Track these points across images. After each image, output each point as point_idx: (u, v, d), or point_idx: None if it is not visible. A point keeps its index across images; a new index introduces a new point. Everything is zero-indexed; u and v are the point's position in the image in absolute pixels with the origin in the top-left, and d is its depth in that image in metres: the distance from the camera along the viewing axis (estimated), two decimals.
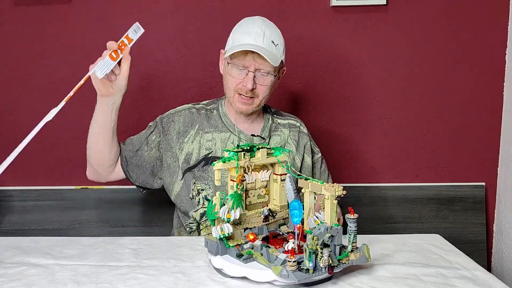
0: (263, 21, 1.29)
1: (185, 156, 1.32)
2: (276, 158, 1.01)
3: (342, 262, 0.87)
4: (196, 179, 1.30)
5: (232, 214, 0.93)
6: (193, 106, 1.40)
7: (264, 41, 1.24)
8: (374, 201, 1.81)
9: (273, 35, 1.27)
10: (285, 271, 0.81)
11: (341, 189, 0.88)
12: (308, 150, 1.42)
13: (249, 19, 1.31)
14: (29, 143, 1.84)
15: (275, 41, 1.27)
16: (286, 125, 1.42)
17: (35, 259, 1.01)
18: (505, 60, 1.78)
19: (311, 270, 0.82)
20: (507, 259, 1.77)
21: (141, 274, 0.93)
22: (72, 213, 1.74)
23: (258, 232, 0.99)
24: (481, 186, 1.83)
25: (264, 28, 1.26)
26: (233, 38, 1.29)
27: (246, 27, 1.28)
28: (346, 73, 1.77)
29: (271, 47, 1.25)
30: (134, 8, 1.71)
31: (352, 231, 0.90)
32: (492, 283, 0.90)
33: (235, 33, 1.30)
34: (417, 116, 1.80)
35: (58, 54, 1.73)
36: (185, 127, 1.34)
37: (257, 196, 1.03)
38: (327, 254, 0.82)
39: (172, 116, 1.37)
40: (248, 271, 0.88)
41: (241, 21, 1.33)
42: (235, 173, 0.97)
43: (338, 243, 0.87)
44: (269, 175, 1.04)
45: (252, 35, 1.24)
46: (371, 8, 1.72)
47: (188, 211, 1.32)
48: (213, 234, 0.92)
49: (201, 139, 1.33)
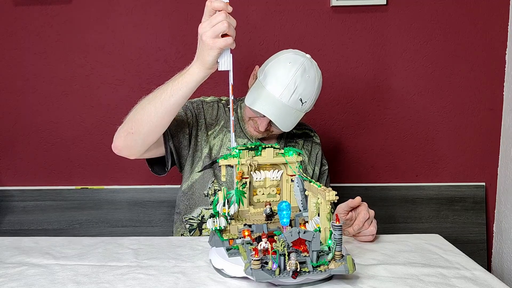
0: (304, 70, 1.16)
1: (209, 150, 1.29)
2: (285, 158, 1.02)
3: (317, 270, 0.84)
4: (216, 178, 1.27)
5: (228, 209, 0.96)
6: (220, 99, 1.35)
7: (292, 97, 1.15)
8: (374, 201, 1.81)
9: (306, 91, 1.17)
10: (249, 268, 0.82)
11: (333, 194, 0.86)
12: (319, 160, 1.41)
13: (288, 59, 1.17)
14: (28, 143, 1.85)
15: (303, 98, 1.17)
16: (301, 135, 1.41)
17: (35, 259, 1.01)
18: (505, 60, 1.78)
19: (277, 271, 0.81)
20: (507, 259, 1.77)
21: (141, 274, 0.93)
22: (72, 213, 1.74)
23: (256, 230, 0.99)
24: (481, 186, 1.83)
25: (299, 82, 1.15)
26: (265, 74, 1.18)
27: (282, 71, 1.16)
28: (346, 73, 1.77)
29: (296, 104, 1.16)
30: (134, 8, 1.71)
31: (336, 239, 0.85)
32: (492, 283, 0.90)
33: (271, 69, 1.18)
34: (417, 116, 1.80)
35: (58, 54, 1.73)
36: (212, 120, 1.31)
37: (266, 194, 1.03)
38: (294, 258, 0.81)
39: (202, 104, 1.32)
40: (226, 264, 0.90)
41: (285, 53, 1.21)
42: (242, 170, 0.98)
43: (315, 249, 0.84)
44: (280, 175, 1.04)
45: (281, 88, 1.14)
46: (371, 8, 1.72)
47: (196, 206, 1.28)
48: (208, 226, 0.96)
49: (224, 137, 1.30)
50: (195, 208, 1.29)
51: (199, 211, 1.29)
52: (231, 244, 0.96)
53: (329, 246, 0.88)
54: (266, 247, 0.85)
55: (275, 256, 0.82)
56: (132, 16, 1.72)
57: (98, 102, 1.76)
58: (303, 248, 0.85)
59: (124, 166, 1.78)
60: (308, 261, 0.84)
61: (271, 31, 1.73)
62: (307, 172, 1.37)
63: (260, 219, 1.01)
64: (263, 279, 0.81)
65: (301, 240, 0.84)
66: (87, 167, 1.78)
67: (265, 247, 0.85)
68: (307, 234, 0.83)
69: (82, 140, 1.78)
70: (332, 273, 0.85)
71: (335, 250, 0.85)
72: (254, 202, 1.03)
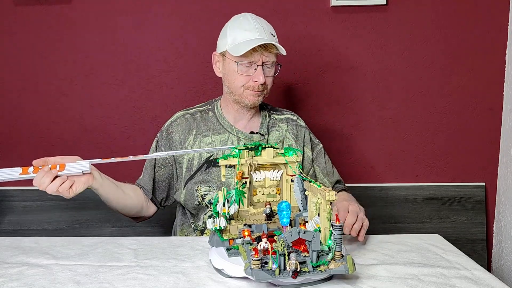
0: (256, 16, 1.31)
1: (187, 163, 1.33)
2: (285, 158, 1.02)
3: (317, 270, 0.84)
4: (198, 184, 1.31)
5: (228, 209, 0.96)
6: (186, 112, 1.39)
7: (266, 34, 1.27)
8: (374, 201, 1.81)
9: (269, 27, 1.31)
10: (249, 268, 0.82)
11: (333, 194, 0.86)
12: (308, 142, 1.42)
13: (241, 16, 1.31)
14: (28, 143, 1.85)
15: (272, 32, 1.30)
16: (283, 120, 1.42)
17: (35, 259, 1.01)
18: (505, 60, 1.78)
19: (277, 271, 0.81)
20: (507, 259, 1.77)
21: (141, 274, 0.93)
22: (72, 213, 1.74)
23: (256, 230, 0.99)
24: (481, 186, 1.83)
25: (260, 22, 1.29)
26: (233, 36, 1.27)
27: (243, 24, 1.28)
28: (346, 73, 1.77)
29: (272, 39, 1.28)
30: (134, 8, 1.71)
31: (336, 239, 0.85)
32: (492, 283, 0.90)
33: (234, 31, 1.28)
34: (417, 116, 1.80)
35: (58, 54, 1.73)
36: (184, 135, 1.35)
37: (266, 194, 1.03)
38: (294, 258, 0.81)
39: (170, 128, 1.37)
40: (226, 264, 0.90)
41: (231, 19, 1.33)
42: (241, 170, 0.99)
43: (315, 249, 0.84)
44: (280, 175, 1.04)
45: (254, 31, 1.26)
46: (371, 8, 1.72)
47: (198, 214, 1.34)
48: (208, 226, 0.97)
49: (200, 143, 1.34)
50: (199, 215, 1.34)
51: (204, 218, 1.33)
52: (231, 244, 0.96)
53: (329, 246, 0.88)
54: (266, 247, 0.85)
55: (275, 256, 0.82)
56: (132, 16, 1.72)
57: (98, 102, 1.76)
58: (303, 248, 0.85)
59: (124, 166, 1.77)
60: (308, 261, 0.84)
61: None
62: None
63: (260, 219, 1.01)
64: (263, 279, 0.81)
65: (301, 240, 0.84)
66: None
67: (265, 247, 0.85)
68: (307, 234, 0.83)
69: (82, 140, 1.78)
70: (332, 273, 0.85)
71: (335, 250, 0.85)
72: (254, 202, 1.03)
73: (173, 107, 1.74)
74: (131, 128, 1.78)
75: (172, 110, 1.72)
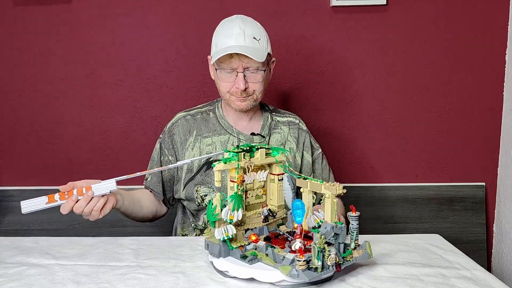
0: (242, 19, 1.29)
1: (188, 164, 1.33)
2: (274, 158, 1.01)
3: (346, 260, 0.88)
4: (198, 185, 1.31)
5: (234, 215, 0.91)
6: (187, 113, 1.40)
7: (246, 39, 1.24)
8: (374, 201, 1.81)
9: (254, 31, 1.27)
10: (294, 270, 0.81)
11: (341, 188, 0.88)
12: (308, 146, 1.42)
13: (227, 21, 1.31)
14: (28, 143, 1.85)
15: (256, 36, 1.26)
16: (285, 122, 1.42)
17: (35, 259, 1.01)
18: (505, 60, 1.78)
19: (320, 269, 0.82)
20: (507, 259, 1.77)
21: (141, 274, 0.93)
22: (72, 213, 1.73)
23: (258, 233, 0.99)
24: (481, 186, 1.83)
25: (243, 27, 1.26)
26: (215, 42, 1.29)
27: (225, 30, 1.27)
28: (346, 73, 1.77)
29: (254, 43, 1.25)
30: (134, 8, 1.71)
31: (354, 228, 0.90)
32: (492, 283, 0.90)
33: (216, 37, 1.29)
34: (417, 116, 1.80)
35: (58, 54, 1.73)
36: (184, 136, 1.35)
37: (255, 196, 1.03)
38: (334, 252, 0.83)
39: (172, 129, 1.37)
40: (255, 272, 0.87)
41: (220, 24, 1.32)
42: (235, 174, 0.96)
43: (342, 241, 0.88)
44: (266, 175, 1.03)
45: (233, 37, 1.24)
46: (371, 8, 1.72)
47: (199, 214, 1.35)
48: (216, 236, 0.90)
49: (200, 144, 1.34)
50: (199, 215, 1.35)
51: (204, 217, 1.34)
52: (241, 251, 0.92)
53: None
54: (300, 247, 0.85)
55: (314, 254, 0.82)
56: (132, 16, 1.72)
57: (98, 102, 1.76)
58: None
59: (124, 166, 1.78)
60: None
61: (271, 31, 1.72)
62: (295, 159, 1.38)
63: (257, 221, 1.00)
64: (314, 278, 0.82)
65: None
66: (87, 167, 1.78)
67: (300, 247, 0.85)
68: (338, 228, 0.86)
69: (82, 140, 1.78)
70: (358, 261, 0.90)
71: (354, 239, 0.90)
72: (246, 206, 1.02)
73: (173, 107, 1.74)
74: (131, 128, 1.78)
75: (172, 110, 1.72)
